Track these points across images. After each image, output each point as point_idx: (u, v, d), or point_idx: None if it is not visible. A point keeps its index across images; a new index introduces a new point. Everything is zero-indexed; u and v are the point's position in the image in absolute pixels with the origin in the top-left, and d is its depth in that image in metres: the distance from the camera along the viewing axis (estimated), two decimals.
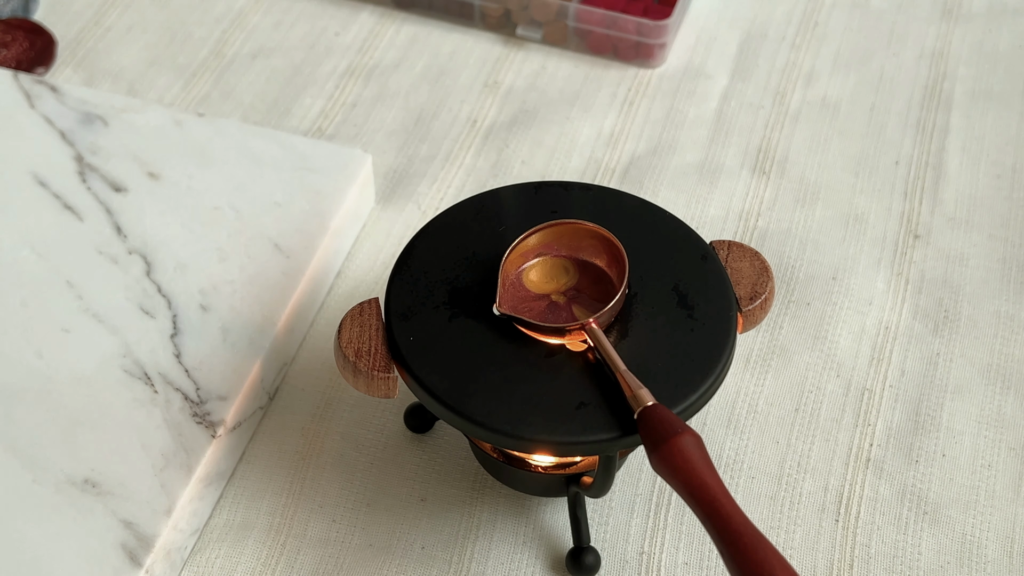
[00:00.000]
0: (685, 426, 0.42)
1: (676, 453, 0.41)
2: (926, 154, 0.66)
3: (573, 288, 0.48)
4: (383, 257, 0.61)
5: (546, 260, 0.49)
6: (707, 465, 0.41)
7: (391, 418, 0.55)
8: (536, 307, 0.47)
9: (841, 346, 0.58)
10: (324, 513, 0.52)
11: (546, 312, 0.47)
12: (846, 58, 0.71)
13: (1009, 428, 0.55)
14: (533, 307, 0.47)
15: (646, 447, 0.42)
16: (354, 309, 0.48)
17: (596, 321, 0.45)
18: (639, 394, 0.43)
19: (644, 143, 0.66)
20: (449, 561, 0.51)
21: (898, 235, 0.62)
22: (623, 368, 0.44)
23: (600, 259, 0.48)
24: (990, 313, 0.59)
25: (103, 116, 0.62)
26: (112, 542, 0.48)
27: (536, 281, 0.48)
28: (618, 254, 0.47)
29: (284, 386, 0.56)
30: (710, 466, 0.41)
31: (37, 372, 0.53)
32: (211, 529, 0.52)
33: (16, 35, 0.69)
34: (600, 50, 0.70)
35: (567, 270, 0.48)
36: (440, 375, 0.45)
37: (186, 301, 0.55)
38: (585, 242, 0.48)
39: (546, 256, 0.49)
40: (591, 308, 0.47)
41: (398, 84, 0.69)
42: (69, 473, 0.49)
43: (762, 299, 0.48)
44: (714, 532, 0.39)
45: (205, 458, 0.50)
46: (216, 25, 0.72)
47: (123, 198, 0.59)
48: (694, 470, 0.40)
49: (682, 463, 0.41)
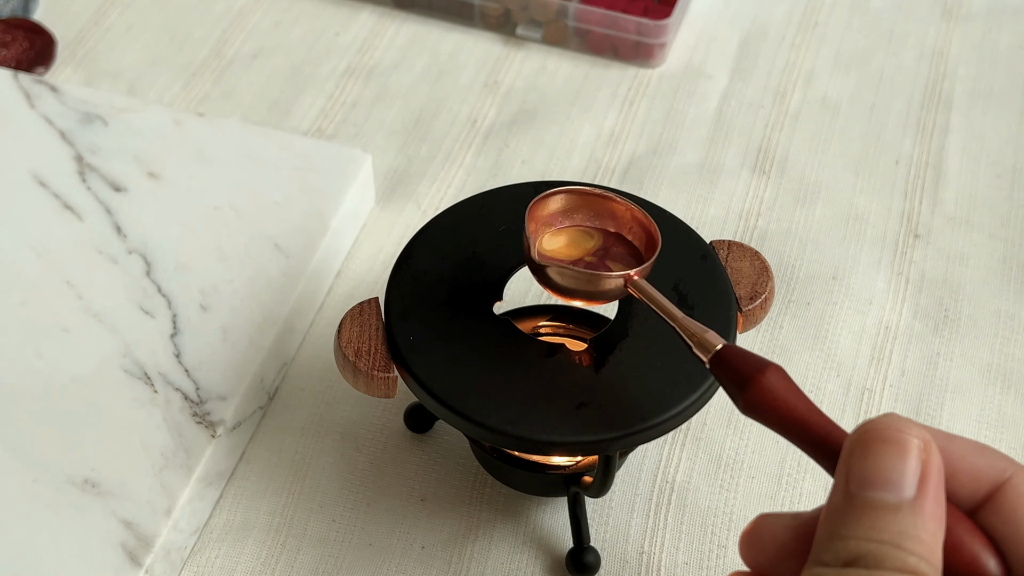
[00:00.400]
0: (766, 360, 0.39)
1: (768, 389, 0.38)
2: (926, 154, 0.66)
3: (601, 248, 0.47)
4: (383, 257, 0.61)
5: (569, 229, 0.47)
6: (801, 395, 0.38)
7: (391, 418, 0.55)
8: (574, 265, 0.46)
9: (841, 346, 0.58)
10: (324, 513, 0.52)
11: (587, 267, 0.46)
12: (846, 58, 0.71)
13: (1009, 428, 0.55)
14: None
15: (730, 391, 0.39)
16: (354, 309, 0.48)
17: (639, 273, 0.44)
18: (706, 338, 0.41)
19: (644, 143, 0.66)
20: (449, 561, 0.51)
21: (898, 235, 0.62)
22: (681, 315, 0.42)
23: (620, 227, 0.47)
24: (990, 313, 0.59)
25: (103, 116, 0.62)
26: (112, 542, 0.48)
27: (564, 246, 0.47)
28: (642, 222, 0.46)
29: (284, 386, 0.56)
30: (804, 396, 0.38)
31: (37, 372, 0.53)
32: (211, 529, 0.52)
33: (16, 35, 0.69)
34: (600, 50, 0.70)
35: (592, 236, 0.47)
36: (440, 375, 0.45)
37: (186, 301, 0.55)
38: (606, 213, 0.47)
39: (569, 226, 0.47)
40: (626, 263, 0.46)
41: (398, 84, 0.69)
42: (69, 473, 0.49)
43: (762, 299, 0.48)
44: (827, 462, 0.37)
45: (205, 458, 0.50)
46: (216, 25, 0.72)
47: (123, 198, 0.59)
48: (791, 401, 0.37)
49: (776, 399, 0.38)
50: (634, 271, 0.44)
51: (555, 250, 0.46)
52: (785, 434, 0.38)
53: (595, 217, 0.47)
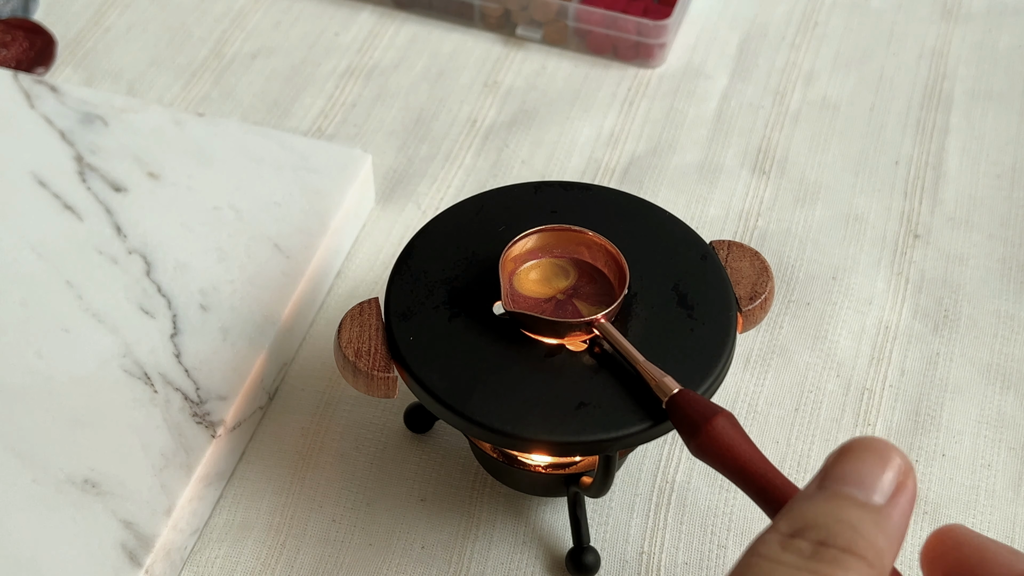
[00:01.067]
0: (717, 407, 0.41)
1: (716, 436, 0.40)
2: (926, 154, 0.66)
3: (572, 287, 0.48)
4: (383, 257, 0.61)
5: (544, 262, 0.49)
6: (748, 442, 0.40)
7: (391, 418, 0.55)
8: (541, 307, 0.47)
9: (841, 346, 0.58)
10: (324, 513, 0.52)
11: (555, 311, 0.47)
12: (846, 58, 0.71)
13: (1009, 428, 0.55)
14: (536, 308, 0.47)
15: (683, 435, 0.41)
16: (354, 309, 0.48)
17: (605, 317, 0.45)
18: (664, 382, 0.43)
19: (644, 143, 0.66)
20: (449, 561, 0.51)
21: (898, 235, 0.62)
22: (642, 359, 0.44)
23: (595, 258, 0.48)
24: (990, 313, 0.59)
25: (103, 116, 0.62)
26: (112, 542, 0.48)
27: (537, 281, 0.48)
28: (614, 256, 0.47)
29: (284, 386, 0.56)
30: (751, 442, 0.40)
31: (37, 372, 0.53)
32: (211, 529, 0.52)
33: (16, 35, 0.69)
34: (600, 50, 0.70)
35: (566, 272, 0.48)
36: (440, 375, 0.45)
37: (186, 301, 0.55)
38: (581, 245, 0.48)
39: (544, 258, 0.49)
40: (595, 304, 0.47)
41: (398, 84, 0.69)
42: (69, 473, 0.49)
43: (762, 299, 0.48)
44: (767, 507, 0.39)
45: (205, 458, 0.50)
46: (216, 25, 0.72)
47: (123, 198, 0.59)
48: (737, 448, 0.40)
49: (723, 445, 0.40)
50: (600, 315, 0.45)
51: (530, 287, 0.48)
52: (731, 477, 0.40)
53: (571, 250, 0.48)
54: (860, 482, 0.33)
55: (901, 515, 0.33)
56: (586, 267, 0.48)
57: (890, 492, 0.33)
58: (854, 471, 0.33)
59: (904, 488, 0.33)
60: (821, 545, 0.31)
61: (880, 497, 0.33)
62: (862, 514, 0.32)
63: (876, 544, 0.32)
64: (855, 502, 0.33)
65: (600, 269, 0.48)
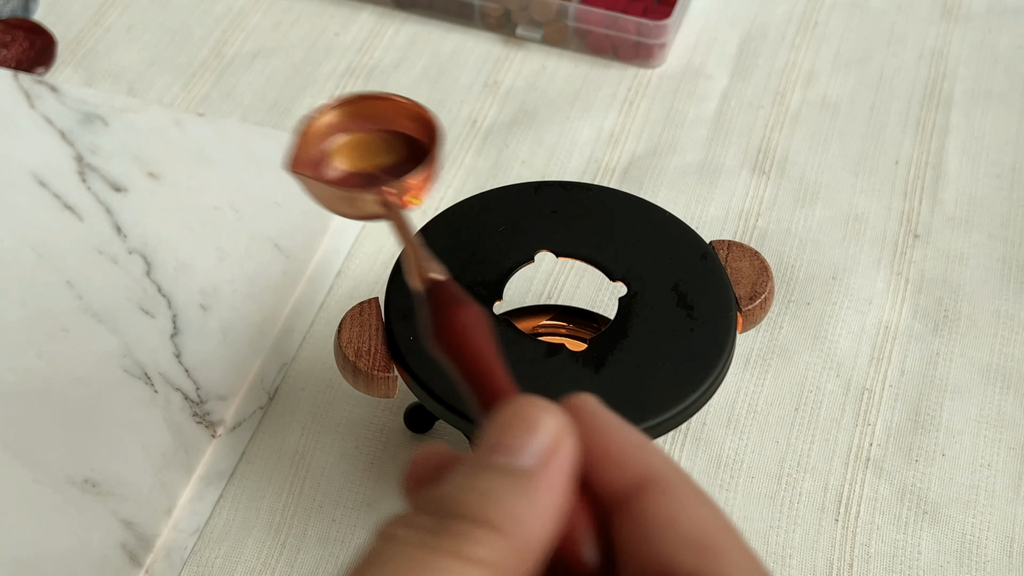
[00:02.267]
0: (472, 301, 0.36)
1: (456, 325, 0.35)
2: (926, 154, 0.66)
3: (393, 166, 0.44)
4: (383, 257, 0.61)
5: (370, 136, 0.45)
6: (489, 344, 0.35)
7: (391, 418, 0.55)
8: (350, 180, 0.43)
9: (841, 346, 0.58)
10: (324, 513, 0.52)
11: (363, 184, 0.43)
12: (846, 58, 0.71)
13: (1009, 428, 0.55)
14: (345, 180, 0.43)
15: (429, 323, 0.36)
16: (354, 309, 0.48)
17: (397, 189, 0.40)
18: (429, 266, 0.38)
19: (644, 143, 0.66)
20: None
21: (898, 235, 0.62)
22: (415, 242, 0.39)
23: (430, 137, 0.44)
24: (990, 313, 0.59)
25: (103, 116, 0.62)
26: (112, 542, 0.48)
27: (356, 155, 0.44)
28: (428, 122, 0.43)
29: (284, 386, 0.56)
30: (492, 345, 0.36)
31: (37, 372, 0.53)
32: (211, 529, 0.52)
33: (16, 35, 0.69)
34: (600, 50, 0.70)
35: (392, 149, 0.44)
36: (440, 375, 0.45)
37: (186, 301, 0.55)
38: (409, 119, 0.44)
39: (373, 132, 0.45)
40: None
41: (398, 84, 0.69)
42: (69, 473, 0.49)
43: (762, 299, 0.48)
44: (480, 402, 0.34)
45: (205, 458, 0.50)
46: (216, 25, 0.72)
47: (123, 198, 0.59)
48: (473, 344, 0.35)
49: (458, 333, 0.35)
50: (386, 187, 0.41)
51: (348, 159, 0.44)
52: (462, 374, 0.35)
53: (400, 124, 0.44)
54: (505, 447, 0.30)
55: (553, 478, 0.29)
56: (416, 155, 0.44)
57: (540, 455, 0.30)
58: (497, 437, 0.30)
59: (557, 450, 0.30)
60: (447, 517, 0.28)
61: (529, 460, 0.29)
62: (501, 480, 0.29)
63: (514, 511, 0.28)
64: (495, 469, 0.29)
65: None
